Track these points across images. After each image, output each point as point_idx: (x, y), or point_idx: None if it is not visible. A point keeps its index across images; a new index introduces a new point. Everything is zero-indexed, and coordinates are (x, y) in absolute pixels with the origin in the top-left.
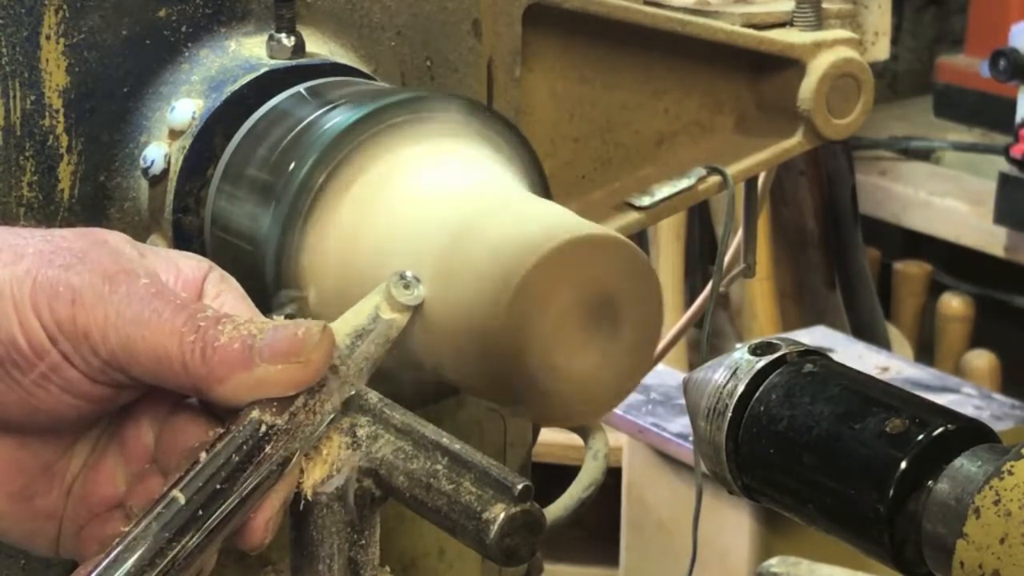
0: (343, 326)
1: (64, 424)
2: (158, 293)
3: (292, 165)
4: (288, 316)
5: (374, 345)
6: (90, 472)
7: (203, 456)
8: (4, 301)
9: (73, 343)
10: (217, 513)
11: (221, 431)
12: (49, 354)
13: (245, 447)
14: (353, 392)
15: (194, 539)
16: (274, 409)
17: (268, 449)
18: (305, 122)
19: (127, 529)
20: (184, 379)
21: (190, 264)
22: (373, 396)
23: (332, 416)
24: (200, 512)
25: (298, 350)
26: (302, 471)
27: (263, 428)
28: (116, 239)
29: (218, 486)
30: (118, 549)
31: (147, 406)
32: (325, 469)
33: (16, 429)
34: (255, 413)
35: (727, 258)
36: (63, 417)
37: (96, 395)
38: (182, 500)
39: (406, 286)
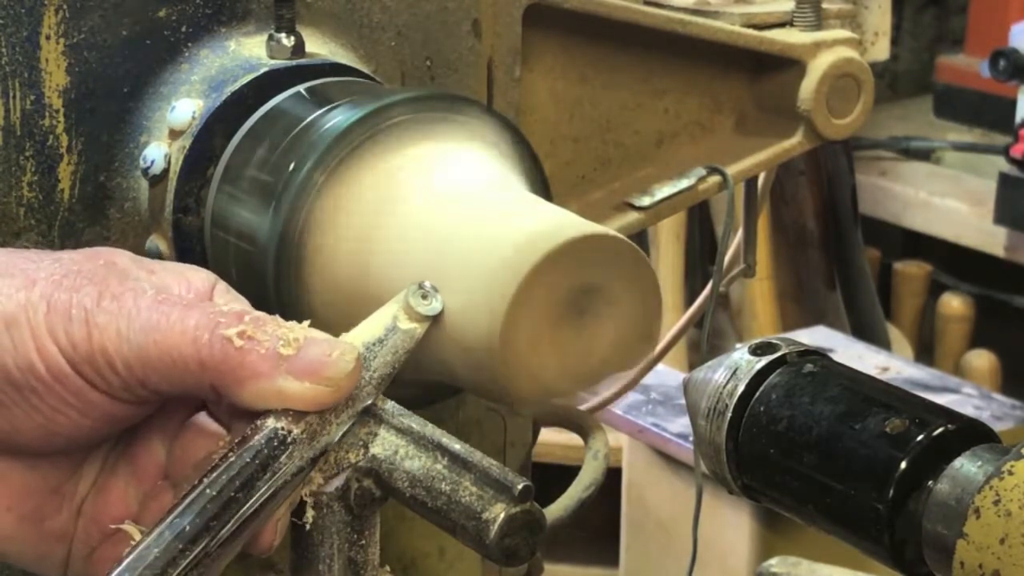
0: (360, 335)
1: (79, 445)
2: (165, 299)
3: (292, 165)
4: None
5: (391, 355)
6: (100, 492)
7: (218, 465)
8: (21, 328)
9: (92, 364)
10: (231, 523)
11: (236, 439)
12: (69, 378)
13: (260, 456)
14: (369, 402)
15: (206, 549)
16: (290, 418)
17: (283, 459)
18: (305, 122)
19: (139, 539)
20: (201, 377)
21: (199, 276)
22: (386, 404)
23: (348, 426)
24: (213, 522)
25: (329, 373)
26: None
27: (280, 438)
28: (124, 260)
29: (232, 494)
30: (128, 560)
31: (157, 422)
32: (326, 469)
33: (29, 453)
34: (271, 421)
35: (727, 258)
36: (79, 439)
37: (117, 414)
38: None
39: (424, 296)
